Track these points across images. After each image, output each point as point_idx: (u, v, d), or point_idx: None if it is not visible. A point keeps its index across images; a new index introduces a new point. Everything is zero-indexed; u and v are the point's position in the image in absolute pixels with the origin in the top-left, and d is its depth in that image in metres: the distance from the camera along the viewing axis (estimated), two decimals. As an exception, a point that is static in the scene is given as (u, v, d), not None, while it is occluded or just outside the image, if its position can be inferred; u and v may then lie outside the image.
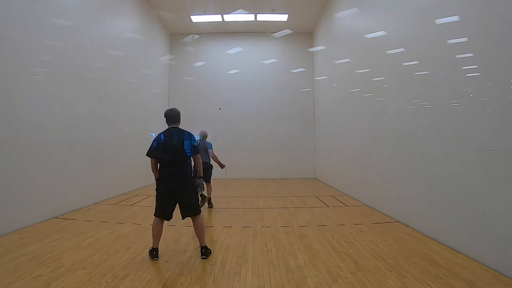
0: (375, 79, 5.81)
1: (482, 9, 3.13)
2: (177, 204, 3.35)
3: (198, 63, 11.58)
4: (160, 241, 3.31)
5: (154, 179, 3.42)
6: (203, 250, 3.32)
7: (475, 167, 3.19)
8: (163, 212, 3.31)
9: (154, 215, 3.36)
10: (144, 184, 9.09)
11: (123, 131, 7.83)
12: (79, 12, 5.87)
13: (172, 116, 3.57)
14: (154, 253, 3.26)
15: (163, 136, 3.43)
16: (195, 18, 10.67)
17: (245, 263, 3.16)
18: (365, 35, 6.12)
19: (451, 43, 3.58)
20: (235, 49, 11.42)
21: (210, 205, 6.08)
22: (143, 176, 9.07)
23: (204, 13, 10.42)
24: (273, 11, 10.24)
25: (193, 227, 3.35)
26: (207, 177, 5.90)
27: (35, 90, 4.67)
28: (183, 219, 3.42)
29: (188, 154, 3.42)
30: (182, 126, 3.63)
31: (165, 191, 3.30)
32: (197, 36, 11.65)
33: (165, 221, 3.37)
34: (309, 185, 9.64)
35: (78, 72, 5.81)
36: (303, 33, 11.80)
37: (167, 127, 3.54)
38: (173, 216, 3.36)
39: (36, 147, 4.64)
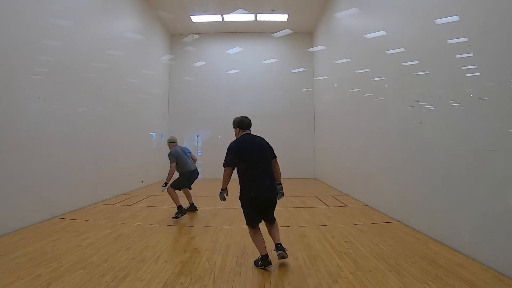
0: (375, 79, 5.81)
1: (482, 9, 3.13)
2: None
3: (198, 63, 11.58)
4: (160, 241, 3.29)
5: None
6: (279, 246, 3.08)
7: (475, 167, 3.19)
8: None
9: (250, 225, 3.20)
10: (144, 184, 9.10)
11: (123, 131, 7.83)
12: (79, 12, 5.87)
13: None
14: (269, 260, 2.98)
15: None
16: (195, 18, 10.67)
17: (245, 263, 3.16)
18: (365, 35, 6.11)
19: (451, 43, 3.58)
20: (235, 49, 11.42)
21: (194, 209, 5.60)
22: (143, 176, 9.10)
23: (204, 13, 10.42)
24: (273, 11, 10.24)
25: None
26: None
27: (35, 90, 4.67)
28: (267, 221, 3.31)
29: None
30: (182, 125, 3.65)
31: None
32: (197, 36, 11.66)
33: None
34: (309, 185, 9.64)
35: (78, 72, 5.81)
36: (303, 33, 11.80)
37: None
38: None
39: (36, 147, 4.64)
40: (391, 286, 2.60)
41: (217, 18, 10.72)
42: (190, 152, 5.62)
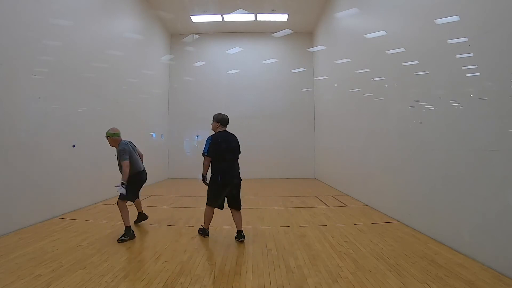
0: (375, 79, 5.81)
1: (482, 9, 3.14)
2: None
3: (198, 63, 11.57)
4: (160, 241, 3.33)
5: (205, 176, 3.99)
6: (241, 233, 3.90)
7: (475, 167, 3.19)
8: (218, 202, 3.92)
9: (209, 204, 3.97)
10: (144, 184, 9.08)
11: (123, 131, 7.76)
12: (79, 12, 5.87)
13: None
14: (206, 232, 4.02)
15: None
16: (195, 18, 10.67)
17: (245, 263, 3.16)
18: (365, 35, 6.11)
19: (451, 43, 3.58)
20: (235, 49, 11.41)
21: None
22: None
23: (204, 13, 10.41)
24: (273, 11, 10.23)
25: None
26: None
27: (35, 90, 4.66)
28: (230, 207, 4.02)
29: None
30: (182, 125, 3.74)
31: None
32: (197, 36, 11.65)
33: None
34: (309, 185, 9.64)
35: (78, 72, 5.80)
36: (303, 33, 11.80)
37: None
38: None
39: (36, 147, 4.64)
40: (391, 286, 2.60)
41: (217, 18, 10.71)
42: (136, 147, 4.72)
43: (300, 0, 9.51)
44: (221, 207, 3.95)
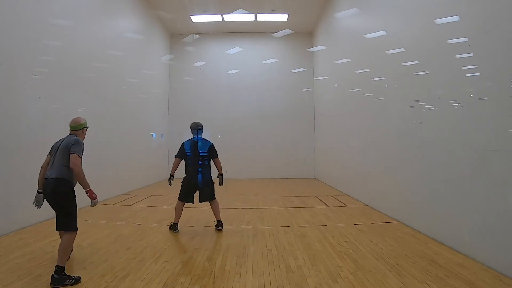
0: (375, 79, 5.81)
1: (482, 9, 3.13)
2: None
3: (198, 63, 11.56)
4: (160, 241, 3.33)
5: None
6: (218, 223, 4.36)
7: (475, 167, 3.19)
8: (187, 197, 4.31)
9: (178, 199, 4.33)
10: (144, 184, 9.10)
11: (123, 131, 7.82)
12: (79, 12, 5.86)
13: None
14: (175, 227, 4.26)
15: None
16: (195, 18, 10.67)
17: (245, 263, 3.16)
18: (365, 35, 6.11)
19: (451, 43, 3.58)
20: (235, 49, 11.40)
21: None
22: (143, 176, 9.09)
23: (204, 13, 10.42)
24: (273, 11, 10.23)
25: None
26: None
27: (35, 90, 4.66)
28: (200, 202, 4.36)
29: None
30: (182, 125, 3.77)
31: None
32: (197, 36, 11.64)
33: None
34: (309, 185, 9.64)
35: (78, 72, 5.80)
36: (303, 33, 11.80)
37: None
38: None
39: (36, 147, 4.62)
40: (391, 286, 2.60)
41: (217, 18, 10.71)
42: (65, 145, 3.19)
43: (300, 0, 9.51)
44: (190, 202, 4.33)
